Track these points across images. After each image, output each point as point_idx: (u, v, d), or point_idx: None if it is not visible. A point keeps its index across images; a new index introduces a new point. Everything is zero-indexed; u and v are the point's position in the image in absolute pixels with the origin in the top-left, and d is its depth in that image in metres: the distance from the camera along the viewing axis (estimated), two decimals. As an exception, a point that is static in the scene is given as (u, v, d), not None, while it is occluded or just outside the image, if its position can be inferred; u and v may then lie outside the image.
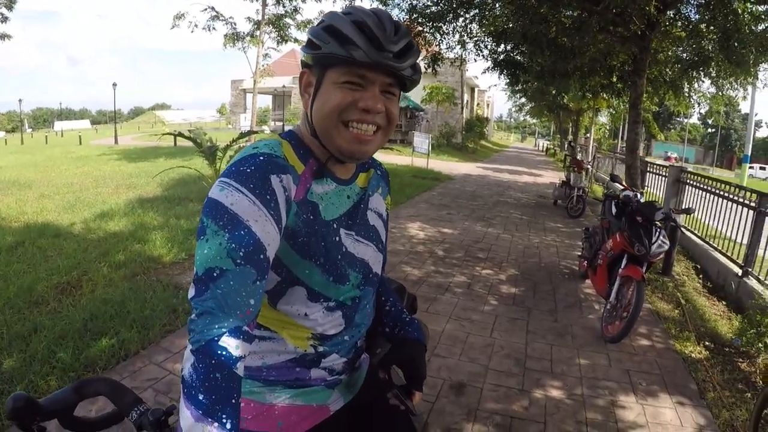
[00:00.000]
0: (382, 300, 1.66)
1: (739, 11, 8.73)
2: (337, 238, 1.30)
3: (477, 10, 11.39)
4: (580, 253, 6.90)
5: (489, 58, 12.58)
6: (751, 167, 52.91)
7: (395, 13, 11.47)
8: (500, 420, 3.34)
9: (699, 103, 15.01)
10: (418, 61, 1.25)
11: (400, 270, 6.23)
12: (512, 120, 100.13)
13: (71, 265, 5.70)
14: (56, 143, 33.51)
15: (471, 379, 3.82)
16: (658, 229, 4.89)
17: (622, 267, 4.92)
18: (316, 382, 1.40)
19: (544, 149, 44.97)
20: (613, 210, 5.68)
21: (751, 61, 9.64)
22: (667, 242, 4.95)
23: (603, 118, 35.36)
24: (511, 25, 10.97)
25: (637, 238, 4.80)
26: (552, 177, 18.80)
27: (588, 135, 28.32)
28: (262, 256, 1.07)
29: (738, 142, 75.22)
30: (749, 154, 25.48)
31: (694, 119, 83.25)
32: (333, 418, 1.43)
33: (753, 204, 6.79)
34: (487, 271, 6.59)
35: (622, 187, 6.35)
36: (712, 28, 9.48)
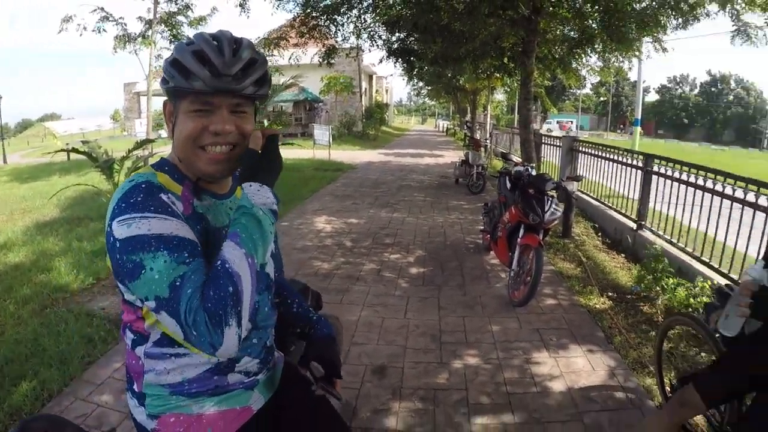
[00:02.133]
0: (288, 302, 1.82)
1: None
2: None
3: (371, 0, 11.45)
4: (482, 228, 7.15)
5: (383, 48, 12.68)
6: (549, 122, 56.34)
7: (290, 7, 11.35)
8: (424, 394, 3.50)
9: (587, 77, 15.70)
10: (266, 71, 1.38)
11: (311, 265, 6.23)
12: (412, 103, 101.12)
13: (-28, 308, 5.11)
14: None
15: (391, 360, 3.95)
16: (550, 198, 5.20)
17: (521, 236, 5.23)
18: (235, 386, 1.50)
19: (445, 130, 45.68)
20: (508, 185, 5.97)
21: (632, 37, 10.14)
22: (560, 209, 5.29)
23: (500, 96, 36.39)
24: (404, 14, 11.06)
25: (531, 209, 5.09)
26: (453, 156, 19.20)
27: (486, 113, 28.98)
28: (200, 249, 1.21)
29: (629, 107, 79.30)
30: (639, 118, 26.98)
31: (587, 90, 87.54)
32: (256, 416, 1.55)
33: (640, 165, 7.26)
34: (396, 255, 6.72)
35: (514, 163, 6.63)
36: (595, 8, 9.91)
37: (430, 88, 35.79)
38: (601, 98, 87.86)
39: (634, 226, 7.28)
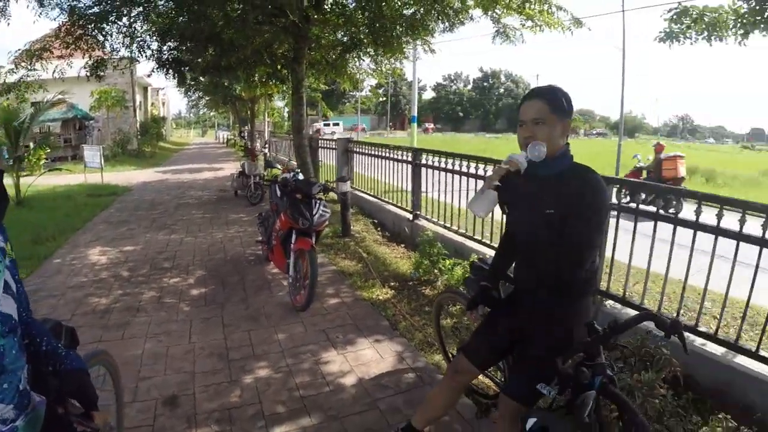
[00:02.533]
0: (37, 342, 1.69)
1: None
2: None
3: (141, 9, 10.73)
4: (259, 239, 7.08)
5: (153, 58, 12.04)
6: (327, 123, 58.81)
7: (55, 14, 10.28)
8: (219, 416, 3.40)
9: (363, 80, 16.25)
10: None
11: (87, 303, 5.64)
12: (192, 115, 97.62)
13: None
14: None
15: (181, 388, 3.77)
16: (318, 202, 5.34)
17: (293, 242, 5.28)
18: None
19: (225, 141, 44.68)
20: (278, 192, 5.97)
21: (403, 41, 10.68)
22: (328, 211, 5.44)
23: (280, 103, 36.42)
24: (175, 23, 10.62)
25: (299, 214, 5.19)
26: (233, 168, 18.83)
27: (268, 120, 28.97)
28: None
29: (407, 106, 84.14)
30: (416, 114, 28.77)
31: (366, 92, 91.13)
32: None
33: (409, 159, 7.73)
34: (175, 279, 6.38)
35: (282, 169, 6.73)
36: (364, 14, 10.28)
37: (208, 98, 34.81)
38: (381, 99, 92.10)
39: (410, 216, 7.71)
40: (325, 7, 10.29)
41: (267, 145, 22.29)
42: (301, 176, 6.05)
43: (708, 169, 25.04)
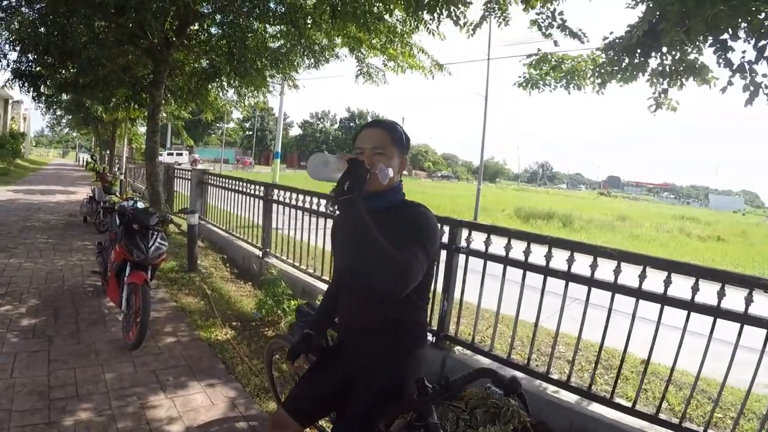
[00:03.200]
0: None
1: (249, 31, 9.70)
2: None
3: (2, 14, 10.29)
4: (96, 269, 6.77)
5: (10, 69, 11.33)
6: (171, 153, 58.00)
7: None
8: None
9: (226, 111, 16.11)
10: None
11: None
12: (54, 134, 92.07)
13: None
14: None
15: (-4, 429, 3.45)
16: (156, 233, 5.17)
17: (127, 275, 5.05)
18: None
19: (85, 164, 42.30)
20: (117, 221, 5.67)
21: (262, 74, 10.75)
22: (166, 244, 5.29)
23: (143, 129, 35.18)
24: (35, 35, 10.08)
25: (134, 245, 4.99)
26: (89, 192, 17.95)
27: (130, 147, 27.95)
28: None
29: (272, 140, 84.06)
30: (279, 150, 29.34)
31: (232, 124, 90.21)
32: None
33: (261, 194, 7.74)
34: (7, 306, 5.89)
35: (120, 197, 6.45)
36: (222, 43, 10.25)
37: (69, 117, 33.03)
38: (247, 132, 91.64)
39: (260, 253, 7.63)
40: (189, 31, 10.19)
41: (125, 171, 21.51)
42: (140, 204, 5.79)
43: (565, 214, 26.16)
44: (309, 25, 9.43)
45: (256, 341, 5.22)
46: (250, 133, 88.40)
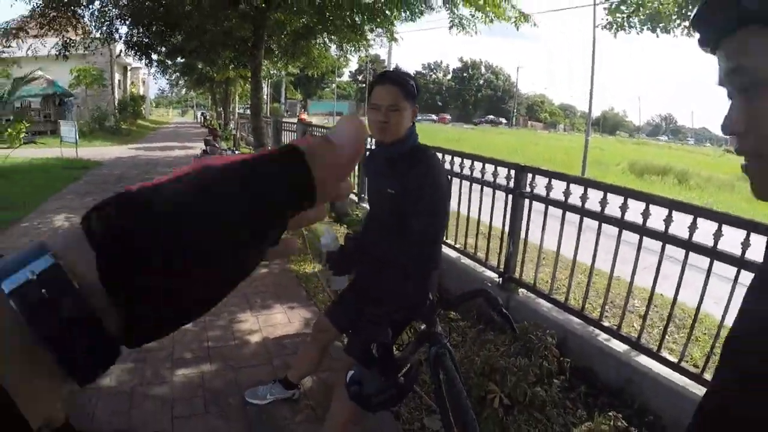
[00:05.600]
0: None
1: None
2: None
3: None
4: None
5: (122, 41, 12.39)
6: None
7: None
8: (136, 355, 3.75)
9: (334, 66, 16.60)
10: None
11: None
12: (174, 95, 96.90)
13: None
14: None
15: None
16: None
17: None
18: None
19: (202, 121, 44.63)
20: None
21: (357, 30, 11.08)
22: None
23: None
24: (143, 8, 10.98)
25: None
26: (202, 146, 19.15)
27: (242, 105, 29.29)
28: None
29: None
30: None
31: (345, 77, 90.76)
32: None
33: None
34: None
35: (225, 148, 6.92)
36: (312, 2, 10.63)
37: (186, 79, 34.84)
38: (361, 84, 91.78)
39: (356, 199, 8.09)
40: None
41: (236, 126, 22.73)
42: (237, 152, 6.32)
43: (682, 171, 24.42)
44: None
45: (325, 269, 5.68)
46: (364, 85, 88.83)
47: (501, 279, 4.58)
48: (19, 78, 14.03)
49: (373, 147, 2.61)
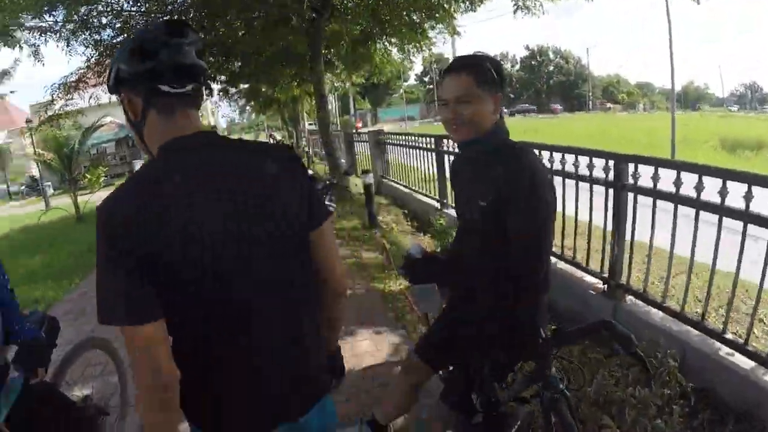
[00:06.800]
0: (11, 324, 2.22)
1: None
2: None
3: None
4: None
5: None
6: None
7: (81, 50, 11.16)
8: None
9: (399, 70, 16.45)
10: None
11: None
12: (244, 120, 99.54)
13: None
14: None
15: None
16: (323, 197, 5.39)
17: None
18: None
19: (275, 142, 45.52)
20: None
21: (415, 29, 10.73)
22: (333, 206, 5.61)
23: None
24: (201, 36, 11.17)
25: None
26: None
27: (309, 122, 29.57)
28: None
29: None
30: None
31: (411, 81, 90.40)
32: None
33: (432, 147, 7.72)
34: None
35: None
36: (368, 4, 10.40)
37: (252, 103, 35.48)
38: (428, 86, 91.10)
39: (437, 205, 7.72)
40: (333, 2, 10.37)
41: (307, 143, 22.90)
42: (309, 172, 6.17)
43: None
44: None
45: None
46: (431, 87, 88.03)
47: (606, 286, 4.05)
48: (88, 127, 14.76)
49: (456, 149, 2.23)
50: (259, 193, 1.34)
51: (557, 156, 4.45)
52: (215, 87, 15.03)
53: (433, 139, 7.83)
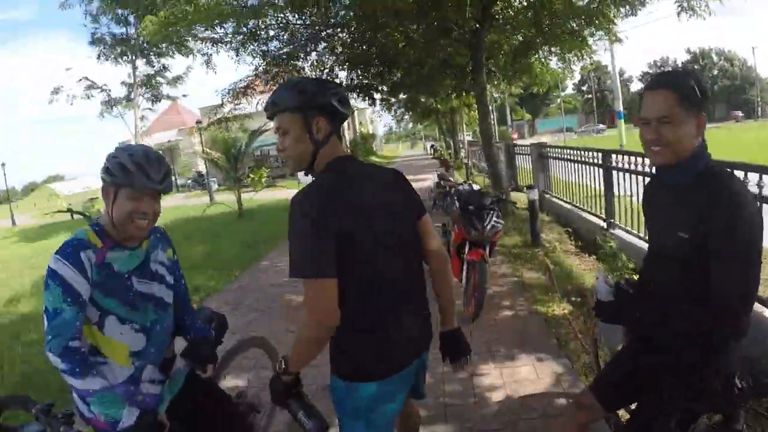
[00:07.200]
0: (183, 318, 2.38)
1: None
2: (129, 283, 2.04)
3: (325, 44, 12.02)
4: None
5: (343, 85, 13.04)
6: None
7: (249, 60, 12.04)
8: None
9: (557, 80, 15.98)
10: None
11: (283, 298, 6.42)
12: (401, 130, 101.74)
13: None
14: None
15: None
16: (491, 212, 5.33)
17: (466, 252, 5.30)
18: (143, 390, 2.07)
19: (432, 152, 45.84)
20: (456, 203, 5.94)
21: (576, 36, 10.27)
22: (501, 222, 5.45)
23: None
24: (358, 53, 11.46)
25: (471, 225, 5.22)
26: (434, 177, 19.27)
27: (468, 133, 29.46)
28: (80, 299, 1.88)
29: (613, 101, 79.53)
30: (621, 110, 26.98)
31: (569, 90, 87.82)
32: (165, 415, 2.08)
33: (599, 162, 7.21)
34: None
35: (455, 182, 6.70)
36: (528, 14, 10.19)
37: (410, 113, 36.08)
38: (586, 96, 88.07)
39: (604, 224, 7.22)
40: (494, 11, 10.12)
41: (467, 155, 22.57)
42: (476, 187, 6.04)
43: None
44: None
45: (593, 318, 4.86)
46: (589, 96, 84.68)
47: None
48: (254, 130, 15.89)
49: (654, 170, 1.94)
50: (392, 195, 1.99)
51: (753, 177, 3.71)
52: (377, 97, 15.30)
53: (600, 154, 7.32)
